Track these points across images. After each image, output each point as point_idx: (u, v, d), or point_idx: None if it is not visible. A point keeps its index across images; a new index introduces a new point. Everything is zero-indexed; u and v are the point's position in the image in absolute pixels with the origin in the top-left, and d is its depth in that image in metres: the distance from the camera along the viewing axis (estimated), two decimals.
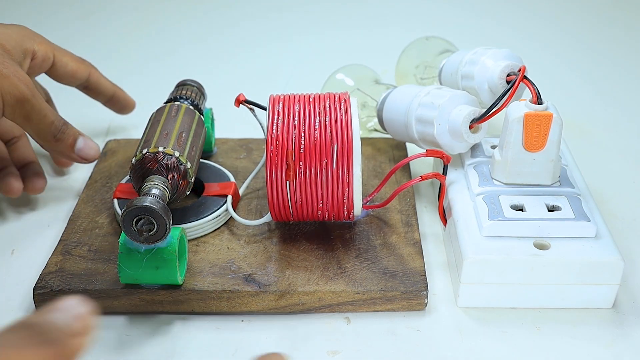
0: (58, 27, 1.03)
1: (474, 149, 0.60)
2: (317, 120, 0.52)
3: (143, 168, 0.53)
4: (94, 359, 0.48)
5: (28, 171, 0.63)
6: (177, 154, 0.54)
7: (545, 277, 0.51)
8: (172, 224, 0.51)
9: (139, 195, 0.51)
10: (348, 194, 0.52)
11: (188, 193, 0.56)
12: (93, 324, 0.30)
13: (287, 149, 0.52)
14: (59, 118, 0.59)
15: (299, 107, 0.53)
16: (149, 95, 0.79)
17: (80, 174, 0.68)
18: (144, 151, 0.54)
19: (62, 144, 0.59)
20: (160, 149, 0.54)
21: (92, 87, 0.69)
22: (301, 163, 0.51)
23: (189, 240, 0.56)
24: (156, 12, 1.08)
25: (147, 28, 1.03)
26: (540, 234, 0.52)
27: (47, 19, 1.05)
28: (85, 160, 0.61)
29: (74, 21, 1.05)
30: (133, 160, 0.54)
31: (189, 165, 0.55)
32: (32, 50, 0.61)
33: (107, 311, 0.52)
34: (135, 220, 0.48)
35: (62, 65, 0.65)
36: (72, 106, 0.71)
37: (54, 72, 0.65)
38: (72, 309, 0.30)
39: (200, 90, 0.66)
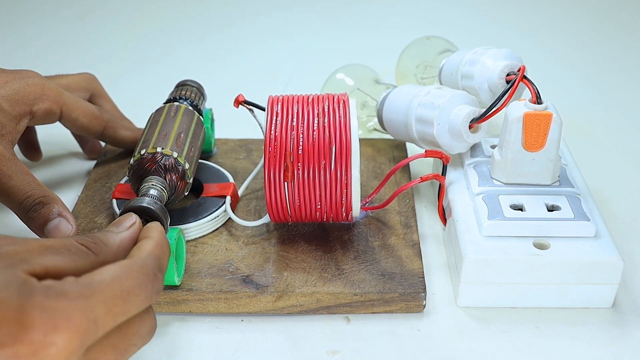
0: (57, 27, 1.03)
1: (474, 148, 0.60)
2: (316, 121, 0.52)
3: (141, 169, 0.53)
4: None
5: None
6: (175, 154, 0.54)
7: (545, 276, 0.51)
8: (170, 225, 0.51)
9: (137, 196, 0.51)
10: (346, 195, 0.52)
11: (187, 194, 0.56)
12: None
13: (285, 150, 0.51)
14: (35, 195, 0.54)
15: (298, 108, 0.53)
16: (149, 95, 0.79)
17: (79, 173, 0.68)
18: (142, 152, 0.54)
19: (31, 224, 0.54)
20: (159, 149, 0.54)
21: (108, 140, 0.66)
22: (299, 164, 0.51)
23: (188, 241, 0.56)
24: (156, 12, 1.09)
25: (147, 28, 1.03)
26: (540, 234, 0.52)
27: (46, 19, 1.05)
28: None
29: (73, 20, 1.05)
30: (131, 160, 0.54)
31: (187, 166, 0.55)
32: (28, 112, 0.58)
33: None
34: None
35: (70, 120, 0.62)
36: None
37: (63, 124, 0.63)
38: None
39: (199, 91, 0.66)
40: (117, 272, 0.38)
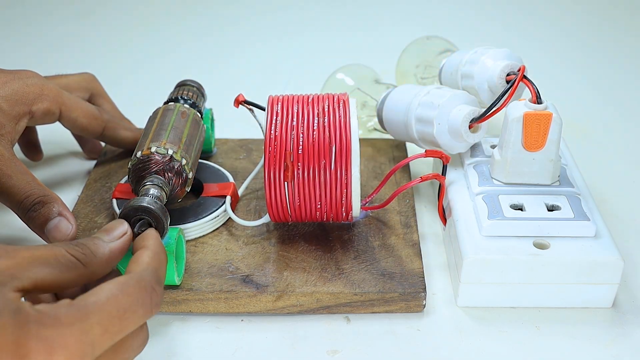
0: (58, 26, 1.03)
1: (474, 148, 0.60)
2: (316, 121, 0.52)
3: (140, 169, 0.53)
4: None
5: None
6: (174, 154, 0.54)
7: (544, 276, 0.51)
8: (170, 224, 0.51)
9: (137, 196, 0.51)
10: (346, 195, 0.52)
11: (188, 190, 0.56)
12: None
13: (285, 150, 0.51)
14: (35, 194, 0.54)
15: (298, 108, 0.53)
16: (149, 95, 0.79)
17: (79, 173, 0.68)
18: (141, 152, 0.54)
19: (31, 224, 0.54)
20: (158, 149, 0.54)
21: (108, 140, 0.66)
22: (299, 164, 0.51)
23: (188, 241, 0.56)
24: (156, 12, 1.09)
25: (147, 28, 1.03)
26: (539, 234, 0.52)
27: (46, 18, 1.05)
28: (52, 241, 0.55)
29: (73, 20, 1.05)
30: (130, 161, 0.54)
31: (186, 165, 0.55)
32: (27, 112, 0.58)
33: None
34: (133, 220, 0.48)
35: (69, 120, 0.61)
36: None
37: (62, 124, 0.62)
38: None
39: (200, 91, 0.66)
40: (113, 291, 0.37)
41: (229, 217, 0.58)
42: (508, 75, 0.60)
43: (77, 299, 0.36)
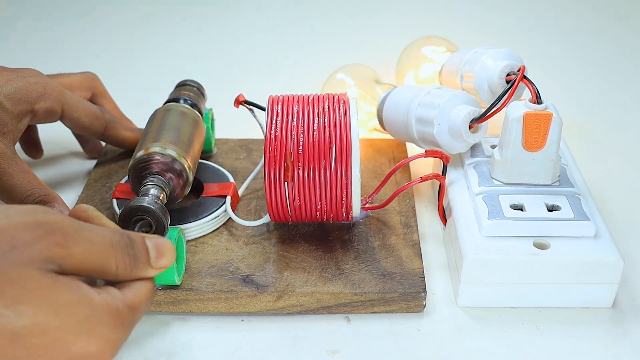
0: (59, 26, 1.03)
1: (474, 148, 0.60)
2: (316, 121, 0.52)
3: (140, 169, 0.53)
4: None
5: None
6: (175, 154, 0.54)
7: (544, 276, 0.51)
8: (170, 224, 0.51)
9: (138, 196, 0.51)
10: (347, 195, 0.52)
11: (187, 192, 0.56)
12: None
13: (285, 150, 0.51)
14: (36, 193, 0.55)
15: (298, 108, 0.53)
16: (149, 95, 0.79)
17: (80, 173, 0.68)
18: (142, 152, 0.54)
19: None
20: (158, 149, 0.54)
21: (109, 140, 0.66)
22: (300, 164, 0.51)
23: (188, 241, 0.56)
24: (156, 12, 1.08)
25: (147, 27, 1.03)
26: (539, 234, 0.52)
27: (48, 18, 1.05)
28: None
29: (73, 20, 1.05)
30: (131, 161, 0.54)
31: (186, 165, 0.55)
32: (30, 111, 0.58)
33: None
34: (133, 220, 0.48)
35: (71, 120, 0.61)
36: None
37: (64, 123, 0.62)
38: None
39: (200, 91, 0.66)
40: (150, 294, 0.42)
41: (229, 217, 0.58)
42: (508, 75, 0.60)
43: (131, 299, 0.40)
